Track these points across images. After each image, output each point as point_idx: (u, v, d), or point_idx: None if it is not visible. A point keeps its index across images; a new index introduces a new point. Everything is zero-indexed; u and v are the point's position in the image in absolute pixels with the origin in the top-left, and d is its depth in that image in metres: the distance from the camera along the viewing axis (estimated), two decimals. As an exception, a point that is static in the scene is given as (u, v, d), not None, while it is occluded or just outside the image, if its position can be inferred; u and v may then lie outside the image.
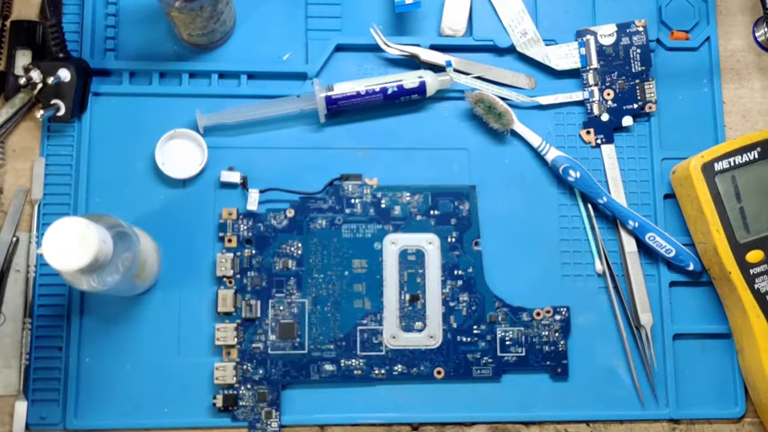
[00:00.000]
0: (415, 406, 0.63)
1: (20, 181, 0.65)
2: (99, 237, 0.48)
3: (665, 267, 0.66)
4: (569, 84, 0.68)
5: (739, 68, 0.70)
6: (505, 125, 0.66)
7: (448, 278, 0.64)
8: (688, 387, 0.65)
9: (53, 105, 0.63)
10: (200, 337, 0.63)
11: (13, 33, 0.66)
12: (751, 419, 0.65)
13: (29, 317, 0.62)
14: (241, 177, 0.65)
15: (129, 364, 0.62)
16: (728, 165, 0.63)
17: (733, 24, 0.70)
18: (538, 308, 0.64)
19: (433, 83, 0.65)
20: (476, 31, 0.68)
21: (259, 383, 0.62)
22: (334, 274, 0.64)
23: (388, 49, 0.66)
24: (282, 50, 0.67)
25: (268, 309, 0.63)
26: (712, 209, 0.62)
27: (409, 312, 0.64)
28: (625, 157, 0.67)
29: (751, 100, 0.69)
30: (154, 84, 0.66)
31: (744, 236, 0.62)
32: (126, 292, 0.60)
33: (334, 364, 0.63)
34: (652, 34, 0.68)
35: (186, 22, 0.61)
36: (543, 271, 0.65)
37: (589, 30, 0.68)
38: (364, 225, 0.65)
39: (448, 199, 0.65)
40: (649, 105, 0.67)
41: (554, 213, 0.66)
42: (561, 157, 0.65)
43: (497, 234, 0.66)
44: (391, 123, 0.67)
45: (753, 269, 0.62)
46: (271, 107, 0.65)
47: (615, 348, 0.65)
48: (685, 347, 0.65)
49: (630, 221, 0.65)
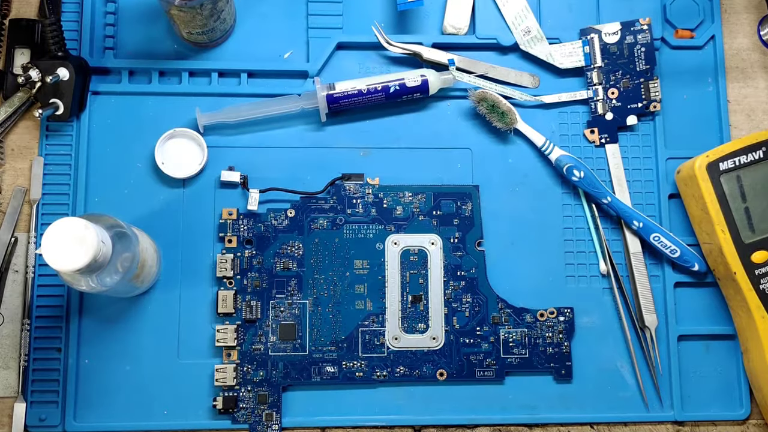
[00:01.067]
0: (418, 408, 0.63)
1: (19, 180, 0.65)
2: (98, 237, 0.48)
3: (670, 267, 0.65)
4: (573, 83, 0.68)
5: (744, 67, 0.70)
6: (508, 124, 0.65)
7: (450, 279, 0.64)
8: (692, 388, 0.64)
9: (52, 104, 0.63)
10: (200, 339, 0.63)
11: (12, 31, 0.66)
12: (755, 421, 0.65)
13: (28, 318, 0.62)
14: (241, 177, 0.64)
15: (128, 366, 0.62)
16: (733, 165, 0.62)
17: (738, 22, 0.70)
18: (542, 309, 0.64)
19: (436, 82, 0.65)
20: (479, 29, 0.68)
21: (260, 385, 0.62)
22: (335, 275, 0.63)
23: (390, 47, 0.66)
24: (283, 48, 0.67)
25: (269, 310, 0.63)
26: (717, 209, 0.62)
27: (411, 313, 0.63)
28: (629, 157, 0.67)
29: (756, 99, 0.69)
30: (154, 83, 0.66)
31: (749, 236, 0.62)
32: (125, 293, 0.60)
33: (336, 366, 0.63)
34: (656, 33, 0.68)
35: (186, 20, 0.61)
36: (546, 271, 0.65)
37: (594, 28, 0.67)
38: (365, 225, 0.64)
39: (451, 199, 0.65)
40: (654, 104, 0.67)
41: (558, 213, 0.66)
42: (565, 156, 0.65)
43: (500, 234, 0.65)
44: (393, 122, 0.67)
45: (758, 270, 0.62)
46: (272, 106, 0.65)
47: (619, 349, 0.64)
48: (689, 348, 0.65)
49: (634, 221, 0.64)
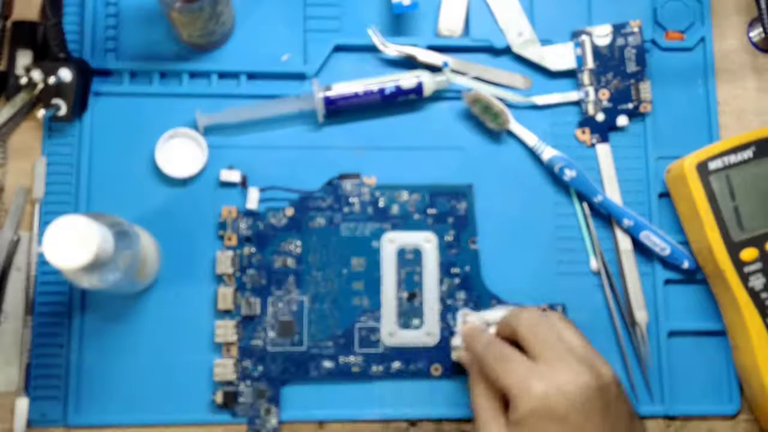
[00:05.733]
0: (413, 402, 0.63)
1: (21, 180, 0.65)
2: (100, 235, 0.49)
3: (660, 265, 0.66)
4: (565, 84, 0.68)
5: (734, 68, 0.70)
6: (501, 125, 0.66)
7: (445, 276, 0.65)
8: (682, 384, 0.65)
9: (54, 105, 0.63)
10: (200, 335, 0.63)
11: (14, 33, 0.66)
12: (745, 416, 0.65)
13: (30, 315, 0.62)
14: (240, 176, 0.65)
15: (130, 361, 0.63)
16: (722, 164, 0.63)
17: (727, 24, 0.71)
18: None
19: (431, 84, 0.65)
20: (473, 32, 0.68)
21: (259, 380, 0.62)
22: (332, 272, 0.64)
23: (385, 49, 0.67)
24: (281, 51, 0.68)
25: (268, 306, 0.63)
26: (706, 208, 0.63)
27: (406, 309, 0.64)
28: (620, 157, 0.67)
29: (746, 100, 0.69)
30: (155, 84, 0.66)
31: (738, 234, 0.62)
32: (126, 290, 0.61)
33: (333, 361, 0.63)
34: (647, 35, 0.68)
35: (186, 23, 0.61)
36: (539, 268, 0.66)
37: (585, 31, 0.68)
38: (362, 223, 0.65)
39: (446, 198, 0.66)
40: (644, 105, 0.67)
41: (550, 211, 0.67)
42: (557, 156, 0.66)
43: (494, 232, 0.66)
44: (389, 123, 0.67)
45: (747, 267, 0.62)
46: (271, 107, 0.65)
47: (610, 345, 0.65)
48: (679, 344, 0.65)
49: (625, 220, 0.65)
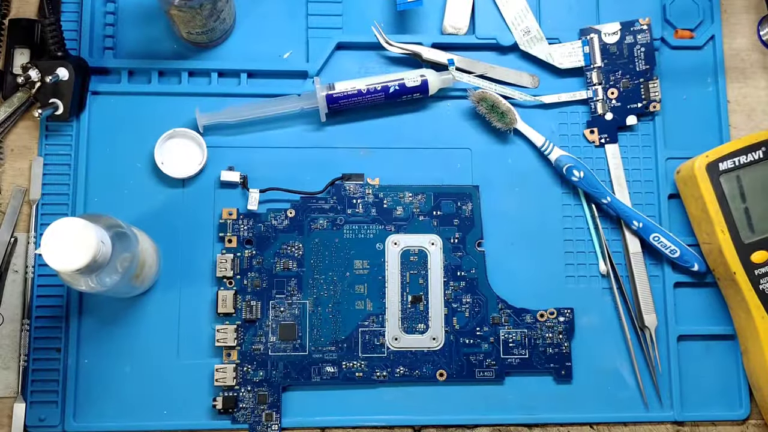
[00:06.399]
0: (417, 408, 0.63)
1: (18, 180, 0.65)
2: (97, 237, 0.48)
3: (670, 268, 0.65)
4: (573, 83, 0.68)
5: (744, 67, 0.70)
6: (508, 124, 0.65)
7: (450, 279, 0.64)
8: (692, 389, 0.64)
9: (51, 104, 0.63)
10: (200, 339, 0.63)
11: (12, 31, 0.66)
12: (755, 421, 0.65)
13: (27, 318, 0.62)
14: (241, 176, 0.64)
15: (128, 366, 0.62)
16: (733, 165, 0.62)
17: (737, 22, 0.70)
18: (542, 310, 0.64)
19: (436, 82, 0.65)
20: (479, 30, 0.68)
21: (260, 385, 0.62)
22: (335, 275, 0.63)
23: (389, 47, 0.66)
24: (282, 48, 0.67)
25: (269, 310, 0.63)
26: (716, 209, 0.62)
27: (411, 313, 0.63)
28: (629, 157, 0.67)
29: (756, 99, 0.69)
30: (153, 83, 0.66)
31: (749, 236, 0.62)
32: (125, 293, 0.60)
33: (336, 366, 0.62)
34: (656, 33, 0.68)
35: (185, 20, 0.61)
36: (546, 272, 0.65)
37: (593, 28, 0.67)
38: (365, 225, 0.64)
39: (451, 200, 0.65)
40: (654, 104, 0.67)
41: (558, 213, 0.66)
42: (564, 156, 0.65)
43: (500, 234, 0.65)
44: (393, 122, 0.67)
45: (758, 270, 0.62)
46: (272, 106, 0.65)
47: (619, 350, 0.64)
48: (689, 348, 0.65)
49: (634, 221, 0.64)
